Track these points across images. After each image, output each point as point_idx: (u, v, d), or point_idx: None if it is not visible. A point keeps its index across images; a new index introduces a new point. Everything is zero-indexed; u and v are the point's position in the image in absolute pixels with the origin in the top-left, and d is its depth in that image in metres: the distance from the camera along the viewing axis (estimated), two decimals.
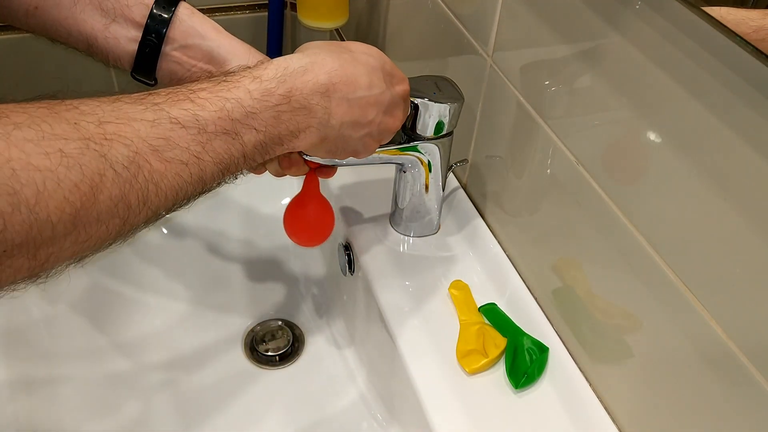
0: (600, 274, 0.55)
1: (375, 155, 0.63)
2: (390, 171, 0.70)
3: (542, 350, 0.59)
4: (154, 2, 0.54)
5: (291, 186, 0.88)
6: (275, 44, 1.17)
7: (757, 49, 0.36)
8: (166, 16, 0.54)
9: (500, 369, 0.59)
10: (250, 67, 0.47)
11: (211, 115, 0.43)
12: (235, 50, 0.56)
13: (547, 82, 0.57)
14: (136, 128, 0.40)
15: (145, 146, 0.40)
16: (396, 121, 0.56)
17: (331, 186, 0.76)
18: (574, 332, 0.59)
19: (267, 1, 1.16)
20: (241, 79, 0.46)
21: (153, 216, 0.43)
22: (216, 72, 0.48)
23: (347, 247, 0.72)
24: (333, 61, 0.50)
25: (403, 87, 0.56)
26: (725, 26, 0.38)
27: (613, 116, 0.50)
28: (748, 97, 0.38)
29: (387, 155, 0.64)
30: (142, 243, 0.80)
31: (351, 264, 0.71)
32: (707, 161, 0.42)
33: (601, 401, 0.56)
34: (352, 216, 0.73)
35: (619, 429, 0.54)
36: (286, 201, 0.88)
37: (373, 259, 0.68)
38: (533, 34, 0.58)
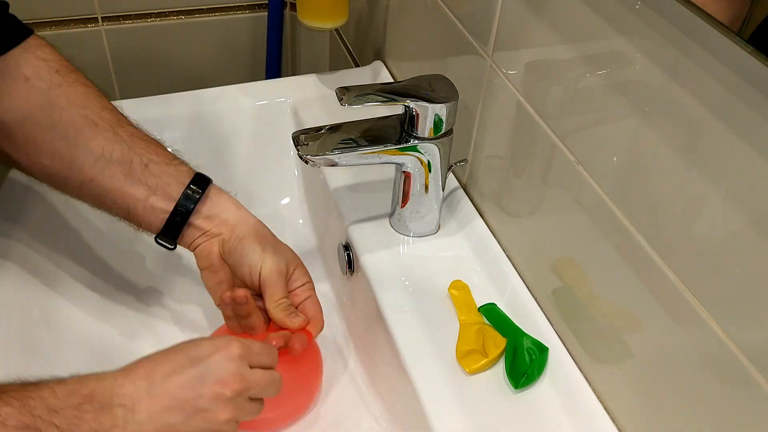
0: (600, 275, 0.55)
1: (375, 155, 0.63)
2: (390, 171, 0.70)
3: (542, 350, 0.59)
4: (189, 183, 0.65)
5: (291, 186, 0.88)
6: (275, 44, 1.17)
7: (756, 48, 0.36)
8: (197, 196, 0.65)
9: (500, 369, 0.59)
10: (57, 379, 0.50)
11: (14, 411, 0.46)
12: (245, 220, 0.67)
13: (547, 82, 0.57)
14: None
15: None
16: (225, 387, 0.52)
17: (332, 186, 0.76)
18: (574, 332, 0.59)
19: (267, 1, 1.16)
20: (47, 381, 0.49)
21: None
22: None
23: (347, 247, 0.72)
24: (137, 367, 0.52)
25: (224, 353, 0.53)
26: (725, 26, 0.38)
27: (613, 116, 0.50)
28: (748, 97, 0.38)
29: (387, 155, 0.64)
30: (143, 252, 0.80)
31: (351, 264, 0.71)
32: (707, 161, 0.42)
33: (600, 401, 0.56)
34: (352, 216, 0.73)
35: (618, 429, 0.54)
36: (286, 201, 0.89)
37: (373, 259, 0.68)
38: (533, 34, 0.58)
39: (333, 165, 0.63)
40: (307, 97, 0.88)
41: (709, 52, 0.40)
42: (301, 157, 0.62)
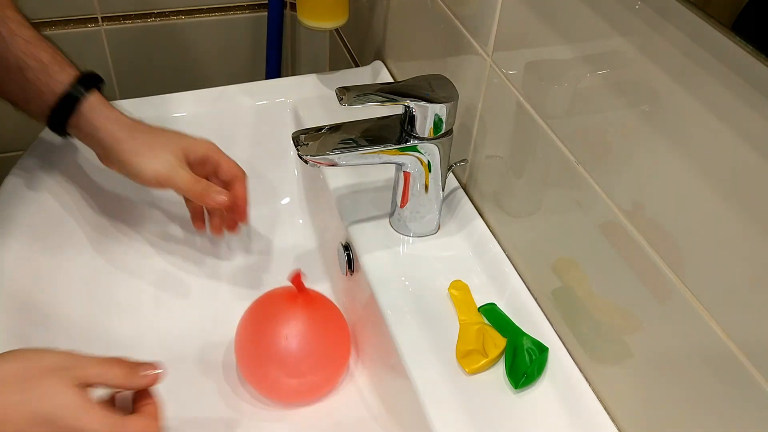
0: (600, 274, 0.55)
1: (375, 155, 0.63)
2: (390, 171, 0.70)
3: (542, 350, 0.59)
4: (65, 91, 0.64)
5: (291, 186, 0.88)
6: (275, 44, 1.17)
7: (756, 48, 0.36)
8: (69, 109, 0.64)
9: (500, 369, 0.59)
10: None
11: None
12: (117, 137, 0.65)
13: (547, 82, 0.57)
14: None
15: None
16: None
17: (332, 186, 0.76)
18: (574, 332, 0.59)
19: (267, 1, 1.16)
20: None
21: None
22: None
23: (347, 247, 0.72)
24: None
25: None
26: (724, 25, 0.38)
27: (613, 116, 0.50)
28: (748, 97, 0.38)
29: (387, 155, 0.64)
30: (140, 245, 0.80)
31: (351, 264, 0.71)
32: (707, 161, 0.42)
33: (600, 401, 0.56)
34: (352, 216, 0.73)
35: (618, 429, 0.54)
36: (286, 201, 0.89)
37: (373, 259, 0.68)
38: (533, 34, 0.58)
39: (333, 165, 0.63)
40: (307, 97, 0.88)
41: (709, 52, 0.40)
42: (301, 157, 0.62)
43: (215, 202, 0.67)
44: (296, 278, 0.66)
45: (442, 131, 0.63)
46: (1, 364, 0.47)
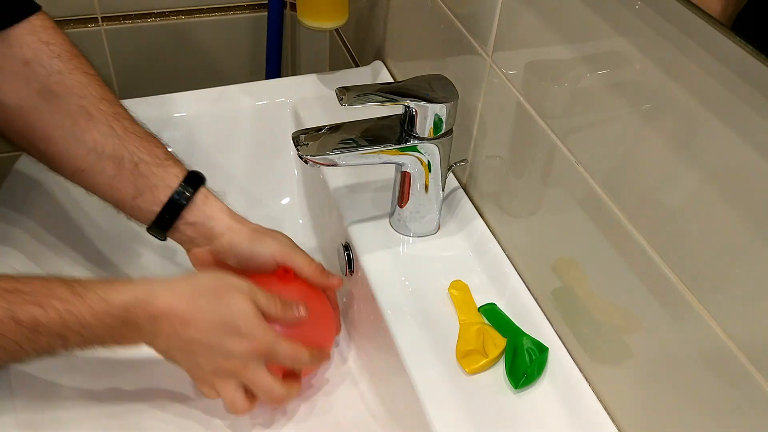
0: (600, 274, 0.55)
1: (375, 155, 0.63)
2: (390, 171, 0.70)
3: (542, 350, 0.59)
4: (179, 185, 0.66)
5: (291, 186, 0.88)
6: (275, 44, 1.17)
7: (756, 48, 0.36)
8: (184, 202, 0.66)
9: (500, 369, 0.59)
10: (105, 285, 0.56)
11: (50, 321, 0.53)
12: (231, 227, 0.67)
13: (546, 82, 0.57)
14: None
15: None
16: (235, 368, 0.60)
17: (332, 186, 0.76)
18: (574, 332, 0.59)
19: (267, 1, 1.16)
20: (91, 296, 0.54)
21: None
22: (71, 282, 0.56)
23: (347, 247, 0.72)
24: (180, 299, 0.58)
25: (242, 346, 0.59)
26: (724, 25, 0.38)
27: (612, 116, 0.50)
28: (748, 97, 0.38)
29: (387, 155, 0.64)
30: (141, 245, 0.80)
31: (351, 264, 0.71)
32: (707, 161, 0.42)
33: (600, 401, 0.56)
34: (352, 216, 0.73)
35: (618, 429, 0.54)
36: (286, 201, 0.89)
37: (373, 259, 0.68)
38: (533, 34, 0.58)
39: (333, 165, 0.63)
40: (307, 97, 0.88)
41: (709, 52, 0.40)
42: (301, 157, 0.62)
43: (331, 284, 0.69)
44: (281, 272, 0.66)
45: (442, 131, 0.63)
46: (200, 277, 0.62)
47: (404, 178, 0.67)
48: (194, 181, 0.67)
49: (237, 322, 0.58)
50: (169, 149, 0.68)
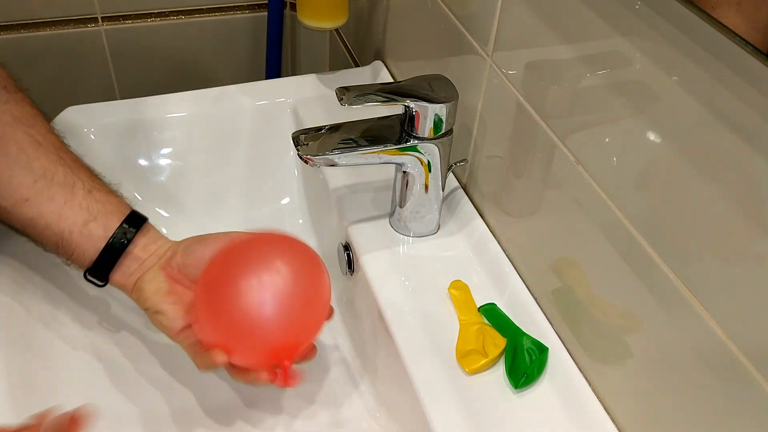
0: (600, 275, 0.55)
1: (375, 155, 0.63)
2: (390, 171, 0.70)
3: (542, 350, 0.59)
4: (127, 216, 0.63)
5: (291, 186, 0.88)
6: (275, 44, 1.17)
7: (756, 48, 0.36)
8: (134, 230, 0.63)
9: (500, 369, 0.59)
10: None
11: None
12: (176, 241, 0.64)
13: (546, 82, 0.57)
14: None
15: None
16: None
17: (332, 186, 0.76)
18: (574, 332, 0.59)
19: (267, 1, 1.16)
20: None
21: None
22: None
23: (347, 247, 0.72)
24: None
25: None
26: (725, 25, 0.38)
27: (612, 116, 0.50)
28: (748, 97, 0.38)
29: (387, 155, 0.64)
30: None
31: (351, 264, 0.71)
32: (707, 160, 0.42)
33: (600, 401, 0.56)
34: (352, 216, 0.73)
35: (618, 429, 0.54)
36: (286, 201, 0.89)
37: (372, 259, 0.68)
38: (533, 34, 0.58)
39: (333, 165, 0.63)
40: (307, 97, 0.88)
41: (709, 52, 0.40)
42: (301, 157, 0.62)
43: None
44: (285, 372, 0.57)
45: (442, 131, 0.63)
46: None
47: (404, 178, 0.67)
48: (137, 217, 0.65)
49: None
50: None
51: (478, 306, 0.64)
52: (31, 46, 1.06)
